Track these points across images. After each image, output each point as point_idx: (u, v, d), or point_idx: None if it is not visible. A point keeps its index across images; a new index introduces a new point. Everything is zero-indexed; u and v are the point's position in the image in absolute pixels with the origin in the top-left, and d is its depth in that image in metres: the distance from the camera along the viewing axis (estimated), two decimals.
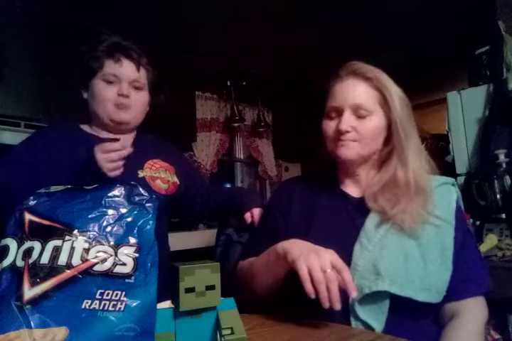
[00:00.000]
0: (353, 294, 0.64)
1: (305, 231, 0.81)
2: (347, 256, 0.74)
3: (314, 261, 0.64)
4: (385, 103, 0.81)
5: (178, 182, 1.12)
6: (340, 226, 0.81)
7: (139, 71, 1.06)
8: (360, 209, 0.81)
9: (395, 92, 0.81)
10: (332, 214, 0.84)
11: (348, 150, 0.81)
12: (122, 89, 1.02)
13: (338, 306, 0.62)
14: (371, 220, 0.78)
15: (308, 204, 0.87)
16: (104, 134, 1.07)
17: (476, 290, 0.77)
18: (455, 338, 0.71)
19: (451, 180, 0.86)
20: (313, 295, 0.62)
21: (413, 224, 0.75)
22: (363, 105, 0.79)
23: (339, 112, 0.81)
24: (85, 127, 1.10)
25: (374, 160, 0.86)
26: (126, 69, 1.04)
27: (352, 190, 0.87)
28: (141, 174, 1.05)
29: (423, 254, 0.74)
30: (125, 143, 0.87)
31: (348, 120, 0.80)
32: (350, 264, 0.73)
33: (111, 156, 0.84)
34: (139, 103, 1.07)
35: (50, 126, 1.12)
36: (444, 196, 0.82)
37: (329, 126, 0.83)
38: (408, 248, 0.74)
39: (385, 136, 0.83)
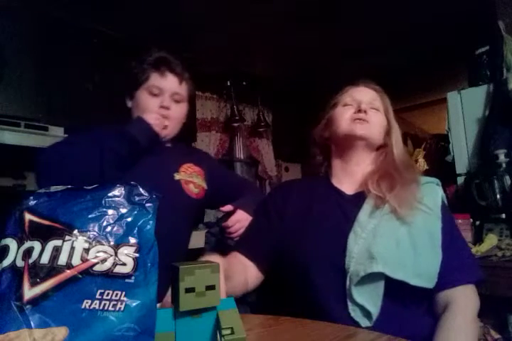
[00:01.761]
0: None
1: (301, 228, 0.87)
2: (343, 246, 0.79)
3: None
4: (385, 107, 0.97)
5: (206, 188, 1.16)
6: (335, 220, 0.86)
7: (181, 84, 1.12)
8: (353, 204, 0.87)
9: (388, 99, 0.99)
10: (327, 210, 0.89)
11: (364, 126, 0.91)
12: (164, 101, 1.08)
13: None
14: (364, 212, 0.83)
15: (304, 205, 0.92)
16: None
17: (466, 278, 0.81)
18: (450, 327, 0.73)
19: (435, 180, 0.92)
20: None
21: (405, 208, 0.80)
22: (375, 103, 0.95)
23: (357, 102, 0.94)
24: None
25: (373, 154, 0.95)
26: (170, 82, 1.09)
27: (346, 186, 0.93)
28: (177, 177, 1.09)
29: (413, 241, 0.78)
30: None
31: (367, 105, 0.93)
32: (346, 252, 0.78)
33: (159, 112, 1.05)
34: (177, 114, 1.12)
35: (95, 127, 1.12)
36: (430, 192, 0.88)
37: (346, 109, 0.94)
38: (400, 235, 0.79)
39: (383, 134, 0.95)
